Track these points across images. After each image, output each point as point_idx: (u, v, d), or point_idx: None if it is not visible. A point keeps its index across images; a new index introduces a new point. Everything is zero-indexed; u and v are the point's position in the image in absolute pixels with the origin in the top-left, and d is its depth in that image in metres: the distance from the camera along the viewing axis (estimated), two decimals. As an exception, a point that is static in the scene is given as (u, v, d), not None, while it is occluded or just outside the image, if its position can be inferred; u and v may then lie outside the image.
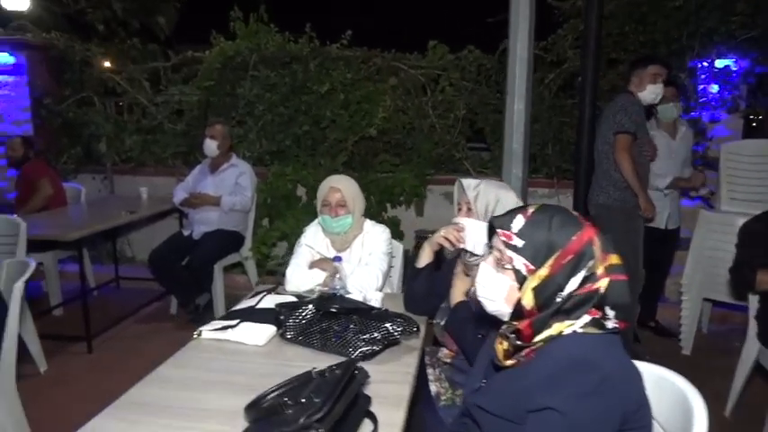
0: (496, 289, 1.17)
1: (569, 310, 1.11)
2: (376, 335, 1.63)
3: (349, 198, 2.29)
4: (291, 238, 4.35)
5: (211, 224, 3.99)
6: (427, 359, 1.87)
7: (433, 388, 1.81)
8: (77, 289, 4.01)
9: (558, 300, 1.11)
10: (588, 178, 3.61)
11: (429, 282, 1.93)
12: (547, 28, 4.56)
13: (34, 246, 3.23)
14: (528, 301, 1.12)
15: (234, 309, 1.97)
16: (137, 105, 5.32)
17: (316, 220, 2.45)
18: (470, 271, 1.84)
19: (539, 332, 1.12)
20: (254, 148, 4.78)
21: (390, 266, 2.34)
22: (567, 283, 1.10)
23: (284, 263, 4.39)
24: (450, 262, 1.98)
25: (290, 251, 4.37)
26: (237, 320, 1.82)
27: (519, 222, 1.15)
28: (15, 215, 3.34)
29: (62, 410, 2.81)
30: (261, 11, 4.91)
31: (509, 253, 1.14)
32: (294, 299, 1.98)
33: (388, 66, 4.75)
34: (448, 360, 1.84)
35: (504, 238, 1.16)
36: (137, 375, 2.94)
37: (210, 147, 4.04)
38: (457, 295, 1.79)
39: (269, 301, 1.97)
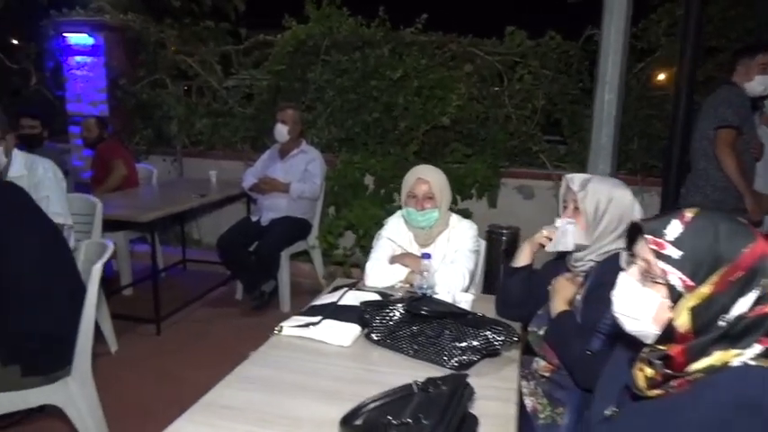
0: (642, 306, 1.00)
1: (736, 336, 0.93)
2: (474, 343, 1.48)
3: (437, 191, 2.14)
4: (358, 228, 4.24)
5: (280, 211, 3.93)
6: (520, 370, 1.71)
7: (528, 403, 1.65)
8: (147, 269, 4.05)
9: (722, 323, 0.93)
10: (679, 176, 3.33)
11: (526, 285, 1.76)
12: (637, 13, 4.24)
13: (107, 225, 3.24)
14: (683, 323, 0.94)
15: (314, 304, 1.86)
16: (207, 89, 5.33)
17: (398, 212, 2.31)
18: (575, 276, 1.66)
19: (694, 360, 0.94)
20: (323, 134, 4.69)
21: (477, 265, 2.17)
22: (733, 304, 0.92)
23: (352, 254, 4.30)
24: (548, 264, 1.80)
25: (358, 242, 4.31)
26: (320, 317, 1.71)
27: (675, 229, 0.97)
28: (91, 195, 3.38)
29: (132, 392, 2.81)
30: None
31: (661, 265, 0.96)
32: (377, 296, 1.85)
33: (464, 51, 4.55)
34: (546, 374, 1.67)
35: (654, 247, 0.98)
36: (203, 360, 2.92)
37: (281, 132, 3.97)
38: (559, 303, 1.61)
39: (350, 298, 1.85)
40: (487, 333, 1.49)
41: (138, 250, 4.62)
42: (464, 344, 1.48)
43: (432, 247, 2.19)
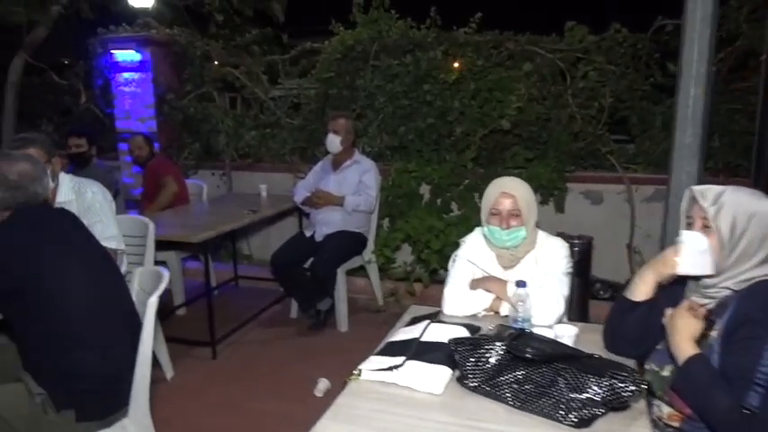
0: None
1: None
2: (597, 394, 1.24)
3: (523, 206, 1.90)
4: (416, 240, 4.02)
5: (334, 225, 3.75)
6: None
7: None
8: (199, 287, 3.94)
9: None
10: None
11: (646, 319, 1.49)
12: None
13: (159, 244, 3.12)
14: None
15: (392, 340, 1.65)
16: (254, 100, 5.22)
17: (476, 230, 2.08)
18: (697, 307, 1.38)
19: None
20: (375, 142, 4.49)
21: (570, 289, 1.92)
22: None
23: (412, 269, 4.07)
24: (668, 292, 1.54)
25: (417, 256, 4.07)
26: (402, 358, 1.49)
27: None
28: (138, 213, 3.27)
29: (193, 423, 2.66)
30: (382, -3, 4.63)
31: None
32: (464, 330, 1.62)
33: (522, 50, 4.28)
34: (675, 423, 1.40)
35: None
36: (262, 385, 2.73)
37: (333, 142, 3.80)
38: (684, 343, 1.32)
39: (434, 333, 1.63)
40: (613, 381, 1.24)
41: (190, 267, 4.51)
42: (584, 395, 1.24)
43: (517, 269, 1.95)
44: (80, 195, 2.59)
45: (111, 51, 5.02)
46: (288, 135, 4.90)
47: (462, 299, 1.86)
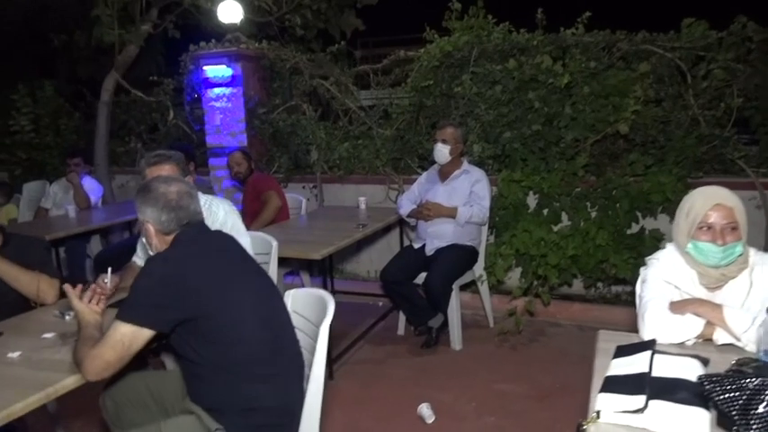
0: None
1: None
2: None
3: (741, 218, 1.67)
4: (525, 254, 3.80)
5: (446, 238, 3.58)
6: None
7: None
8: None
9: None
10: None
11: None
12: None
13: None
14: None
15: (612, 374, 1.45)
16: (343, 111, 5.13)
17: (668, 247, 1.85)
18: None
19: None
20: (474, 151, 4.31)
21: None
22: None
23: (528, 286, 3.85)
24: None
25: (533, 271, 3.84)
26: (643, 398, 1.29)
27: None
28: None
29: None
30: (478, 2, 4.47)
31: None
32: (695, 362, 1.41)
33: (637, 50, 4.02)
34: None
35: None
36: (387, 408, 2.57)
37: (442, 152, 3.64)
38: None
39: (660, 365, 1.42)
40: None
41: (286, 282, 4.43)
42: None
43: (725, 291, 1.72)
44: (211, 214, 2.51)
45: (203, 67, 5.03)
46: (380, 146, 4.78)
47: (669, 324, 1.65)
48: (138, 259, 2.66)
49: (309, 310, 1.92)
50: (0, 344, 1.87)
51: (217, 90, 5.06)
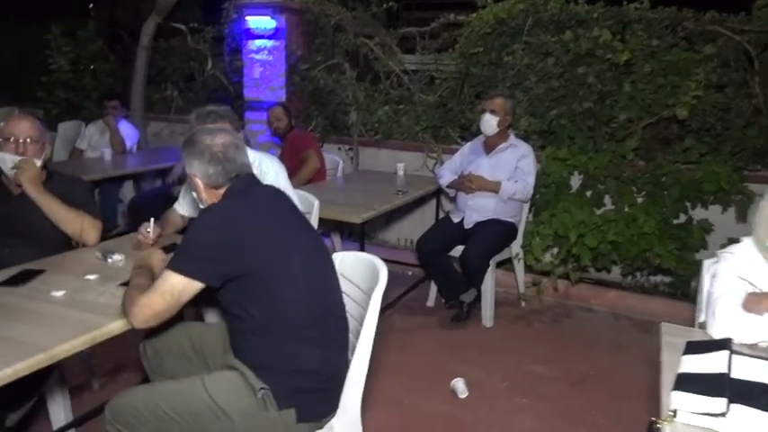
0: None
1: None
2: None
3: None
4: (565, 236, 3.69)
5: (486, 212, 3.48)
6: None
7: None
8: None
9: None
10: None
11: None
12: None
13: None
14: None
15: (685, 372, 1.36)
16: (385, 74, 4.99)
17: (746, 240, 1.74)
18: None
19: None
20: (521, 125, 4.16)
21: None
22: None
23: (559, 263, 3.75)
24: None
25: (567, 252, 3.74)
26: (723, 401, 1.20)
27: None
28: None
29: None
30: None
31: None
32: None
33: (702, 30, 3.81)
34: None
35: None
36: (417, 381, 2.52)
37: (490, 123, 3.51)
38: None
39: (739, 367, 1.34)
40: None
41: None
42: None
43: (806, 292, 1.61)
44: (261, 173, 2.45)
45: (246, 17, 4.90)
46: (421, 112, 4.65)
47: (743, 323, 1.55)
48: (180, 207, 2.62)
49: (358, 275, 1.85)
50: (43, 281, 1.85)
51: (258, 42, 4.93)
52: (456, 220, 3.59)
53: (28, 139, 2.22)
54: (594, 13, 3.95)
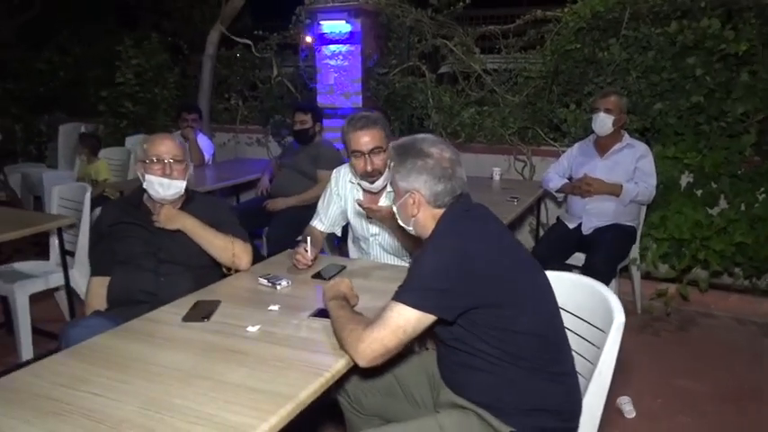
0: None
1: None
2: None
3: None
4: (686, 242, 3.49)
5: (606, 217, 3.30)
6: None
7: None
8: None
9: None
10: None
11: None
12: None
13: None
14: None
15: None
16: (462, 75, 4.83)
17: None
18: None
19: None
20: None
21: None
22: None
23: (684, 270, 3.55)
24: None
25: (690, 256, 3.54)
26: None
27: None
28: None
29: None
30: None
31: None
32: None
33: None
34: None
35: None
36: None
37: (604, 123, 3.32)
38: None
39: None
40: None
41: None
42: None
43: None
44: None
45: (320, 22, 4.77)
46: (508, 114, 4.47)
47: None
48: (320, 223, 2.48)
49: (573, 301, 1.68)
50: (225, 314, 1.71)
51: (332, 47, 4.80)
52: (572, 225, 3.41)
53: (173, 159, 2.09)
54: (702, 3, 3.74)
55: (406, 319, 1.35)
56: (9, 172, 5.37)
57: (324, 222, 2.47)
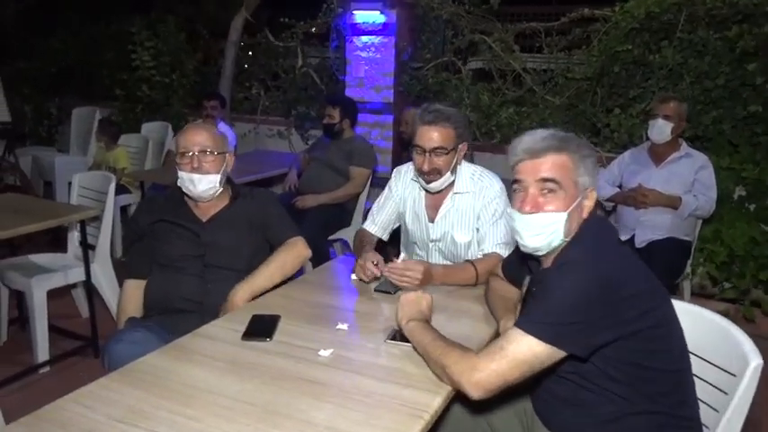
0: None
1: None
2: None
3: None
4: (750, 260, 3.30)
5: (661, 230, 3.10)
6: None
7: None
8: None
9: None
10: None
11: None
12: None
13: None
14: None
15: None
16: (499, 74, 4.62)
17: None
18: None
19: None
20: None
21: None
22: None
23: (747, 289, 3.36)
24: None
25: (754, 274, 3.35)
26: None
27: None
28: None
29: None
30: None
31: None
32: None
33: None
34: None
35: None
36: None
37: (663, 130, 3.12)
38: None
39: None
40: None
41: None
42: None
43: None
44: (481, 189, 2.08)
45: (353, 11, 4.55)
46: (548, 115, 4.27)
47: None
48: (374, 226, 2.26)
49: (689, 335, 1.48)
50: (288, 332, 1.51)
51: (364, 38, 4.59)
52: (624, 237, 3.21)
53: (202, 151, 1.86)
54: (767, 7, 3.54)
55: (534, 354, 1.17)
56: (19, 155, 5.14)
57: (376, 223, 2.26)
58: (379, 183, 4.36)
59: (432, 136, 1.96)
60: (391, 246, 2.46)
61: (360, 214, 3.80)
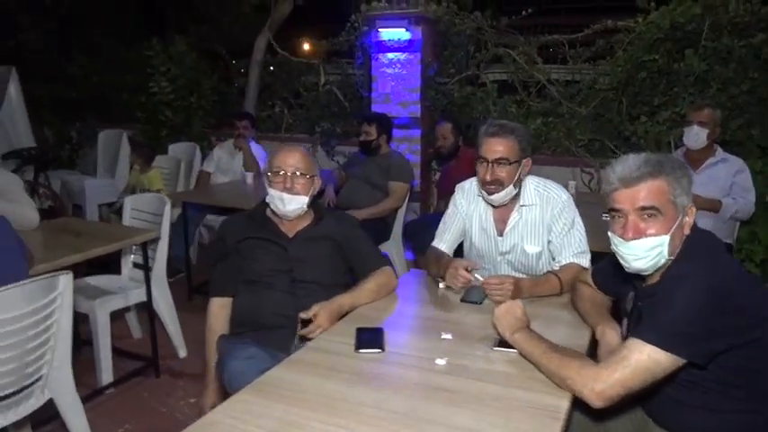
0: None
1: None
2: None
3: None
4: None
5: (703, 234, 3.17)
6: None
7: None
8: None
9: None
10: None
11: None
12: None
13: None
14: None
15: None
16: (522, 86, 4.72)
17: None
18: None
19: None
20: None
21: None
22: None
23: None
24: None
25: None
26: None
27: None
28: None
29: None
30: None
31: None
32: None
33: None
34: None
35: None
36: None
37: (699, 136, 3.20)
38: None
39: None
40: None
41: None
42: None
43: None
44: (547, 200, 2.14)
45: (378, 29, 4.64)
46: (575, 126, 4.36)
47: None
48: (443, 243, 2.30)
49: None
50: (395, 344, 1.56)
51: (390, 55, 4.68)
52: (666, 242, 3.28)
53: (297, 172, 1.93)
54: (789, 15, 3.66)
55: (655, 362, 1.22)
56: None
57: (445, 241, 2.31)
58: (414, 197, 4.44)
59: (495, 147, 2.01)
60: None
61: (399, 227, 3.85)
